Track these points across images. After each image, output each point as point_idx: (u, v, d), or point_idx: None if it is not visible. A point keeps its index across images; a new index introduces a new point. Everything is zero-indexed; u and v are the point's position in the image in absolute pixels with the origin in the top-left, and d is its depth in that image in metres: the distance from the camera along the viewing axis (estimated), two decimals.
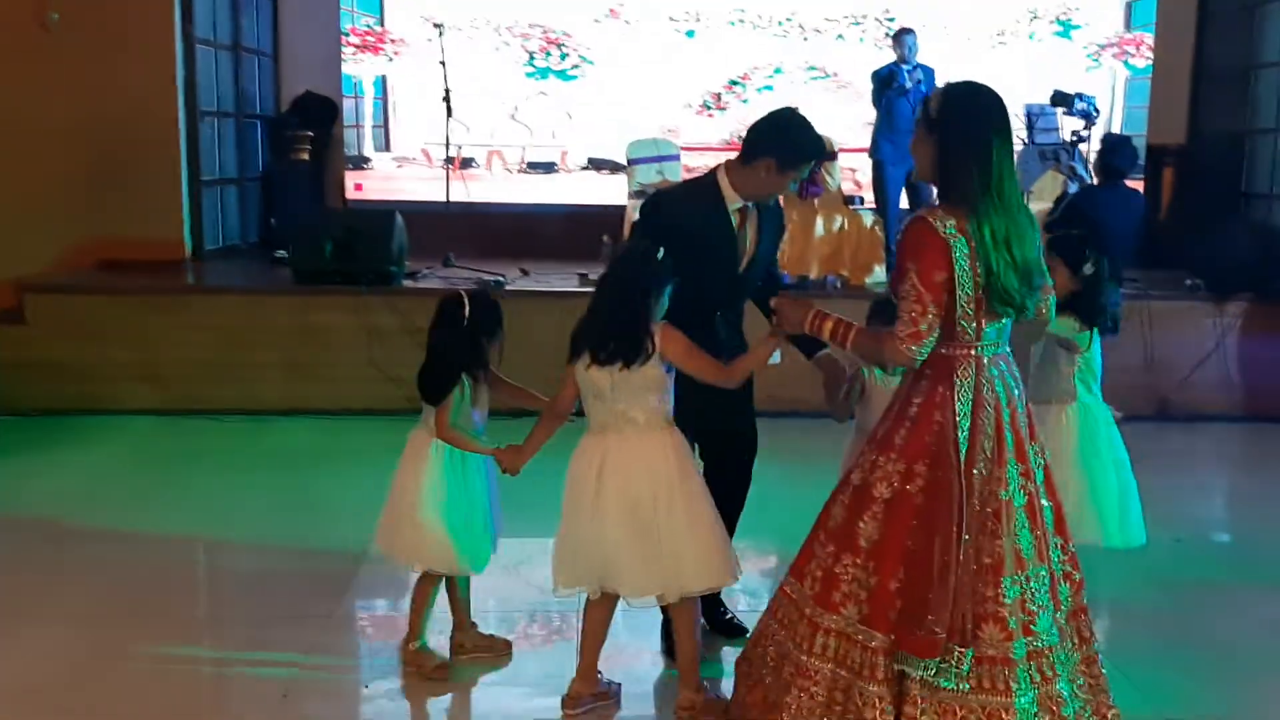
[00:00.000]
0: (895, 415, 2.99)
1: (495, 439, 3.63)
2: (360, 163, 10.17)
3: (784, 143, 3.54)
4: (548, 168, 10.14)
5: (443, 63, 8.20)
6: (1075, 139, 9.04)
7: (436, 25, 8.36)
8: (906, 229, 2.89)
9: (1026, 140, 9.06)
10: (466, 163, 9.84)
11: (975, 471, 2.85)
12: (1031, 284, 2.88)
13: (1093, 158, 8.30)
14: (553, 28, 10.00)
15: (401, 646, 3.82)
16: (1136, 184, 9.92)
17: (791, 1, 10.00)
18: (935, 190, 2.93)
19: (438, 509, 3.57)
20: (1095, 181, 7.53)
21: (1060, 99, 9.20)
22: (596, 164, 10.11)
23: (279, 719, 3.48)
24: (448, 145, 8.44)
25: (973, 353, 2.89)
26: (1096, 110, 9.44)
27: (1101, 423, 3.99)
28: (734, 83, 10.08)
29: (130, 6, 8.22)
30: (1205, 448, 7.18)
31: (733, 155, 3.67)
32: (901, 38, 8.29)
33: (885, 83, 8.17)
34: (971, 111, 2.86)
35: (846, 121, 9.70)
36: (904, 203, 8.06)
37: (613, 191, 9.70)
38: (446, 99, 8.16)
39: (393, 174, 10.17)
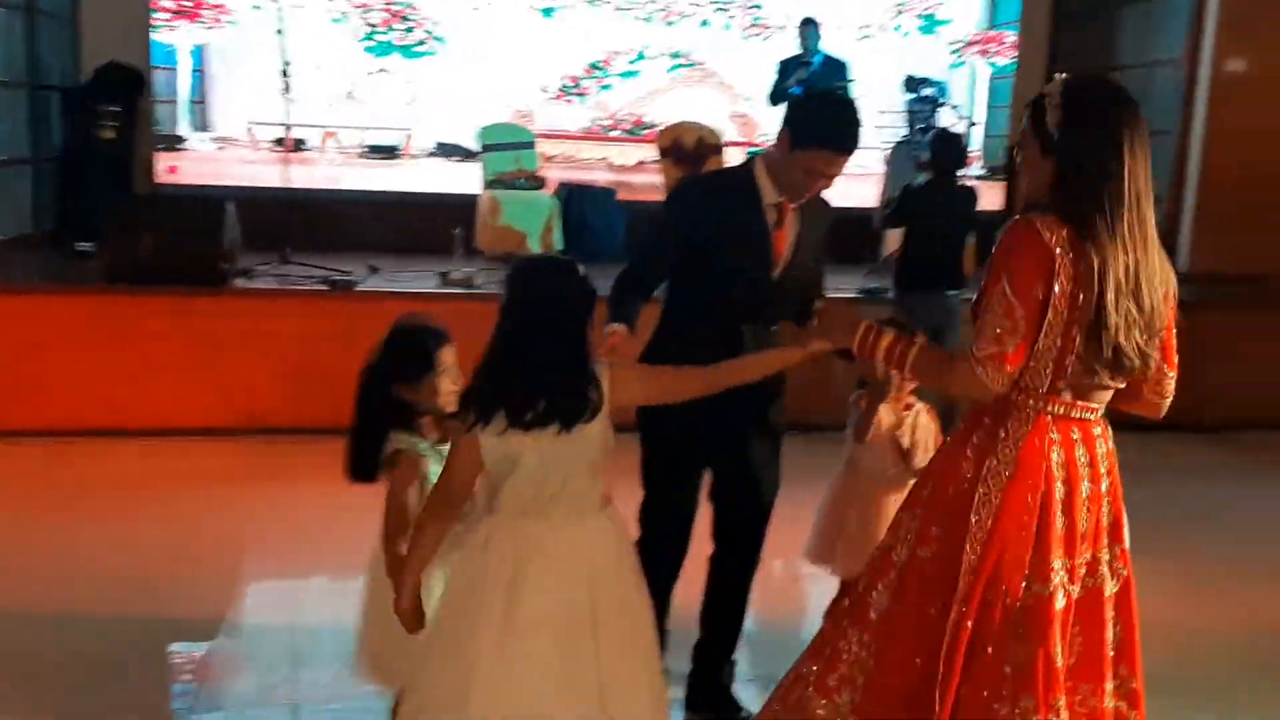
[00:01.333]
0: (930, 463, 2.48)
1: None
2: (174, 143, 9.05)
3: (801, 113, 3.07)
4: (390, 152, 9.27)
5: (280, 31, 7.28)
6: (924, 126, 8.87)
7: None
8: (1006, 231, 2.30)
9: (907, 137, 8.81)
10: (298, 145, 8.88)
11: (1016, 555, 2.28)
12: (1153, 336, 2.30)
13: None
14: None
15: None
16: (998, 185, 9.91)
17: None
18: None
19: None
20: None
21: (910, 84, 9.13)
22: (446, 150, 9.31)
23: None
24: (288, 126, 7.51)
25: (1034, 405, 2.32)
26: (945, 96, 9.35)
27: None
28: (594, 67, 9.44)
29: None
30: None
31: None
32: (801, 29, 7.82)
33: (780, 76, 7.70)
34: (1102, 123, 2.25)
35: (714, 114, 9.21)
36: None
37: (464, 180, 8.93)
38: (285, 73, 7.23)
39: (212, 156, 9.10)
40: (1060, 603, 2.32)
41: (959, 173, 6.22)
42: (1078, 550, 2.34)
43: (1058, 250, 2.23)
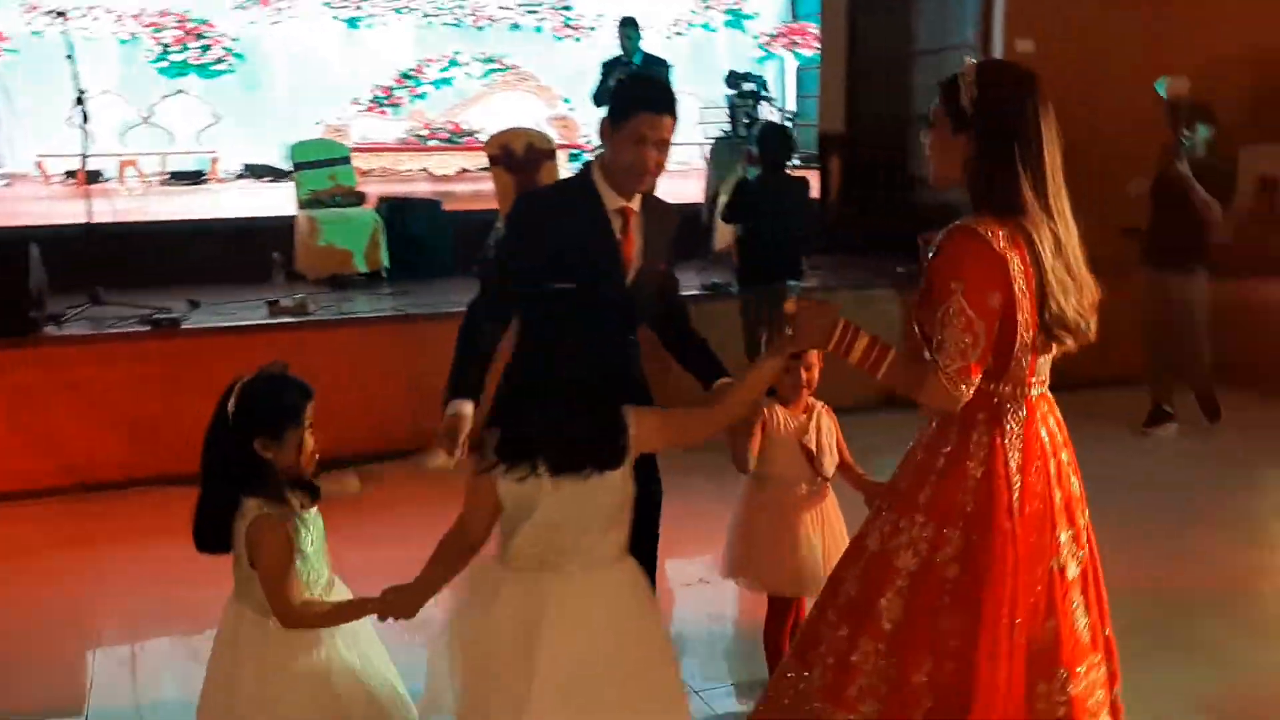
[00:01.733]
0: (916, 467, 2.42)
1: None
2: None
3: (614, 94, 3.10)
4: (195, 178, 8.82)
5: (70, 57, 6.81)
6: (748, 120, 9.03)
7: (59, 13, 6.93)
8: (947, 242, 2.32)
9: (730, 131, 8.91)
10: (93, 176, 8.35)
11: (1040, 540, 2.35)
12: (1084, 301, 2.37)
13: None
14: (189, 16, 8.68)
15: None
16: (811, 173, 10.13)
17: None
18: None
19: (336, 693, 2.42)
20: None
21: (732, 80, 9.28)
22: (255, 171, 8.91)
23: None
24: (84, 157, 7.04)
25: (1020, 392, 2.37)
26: (765, 90, 9.54)
27: None
28: (406, 76, 9.21)
29: None
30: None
31: None
32: (621, 30, 7.78)
33: (602, 77, 7.65)
34: (1017, 98, 2.31)
35: (533, 118, 9.13)
36: None
37: (278, 201, 8.58)
38: (80, 100, 6.77)
39: None
40: (1073, 571, 2.40)
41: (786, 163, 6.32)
42: (1076, 516, 2.42)
43: (1007, 253, 2.27)
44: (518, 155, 6.80)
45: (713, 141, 8.93)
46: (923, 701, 2.30)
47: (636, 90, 3.09)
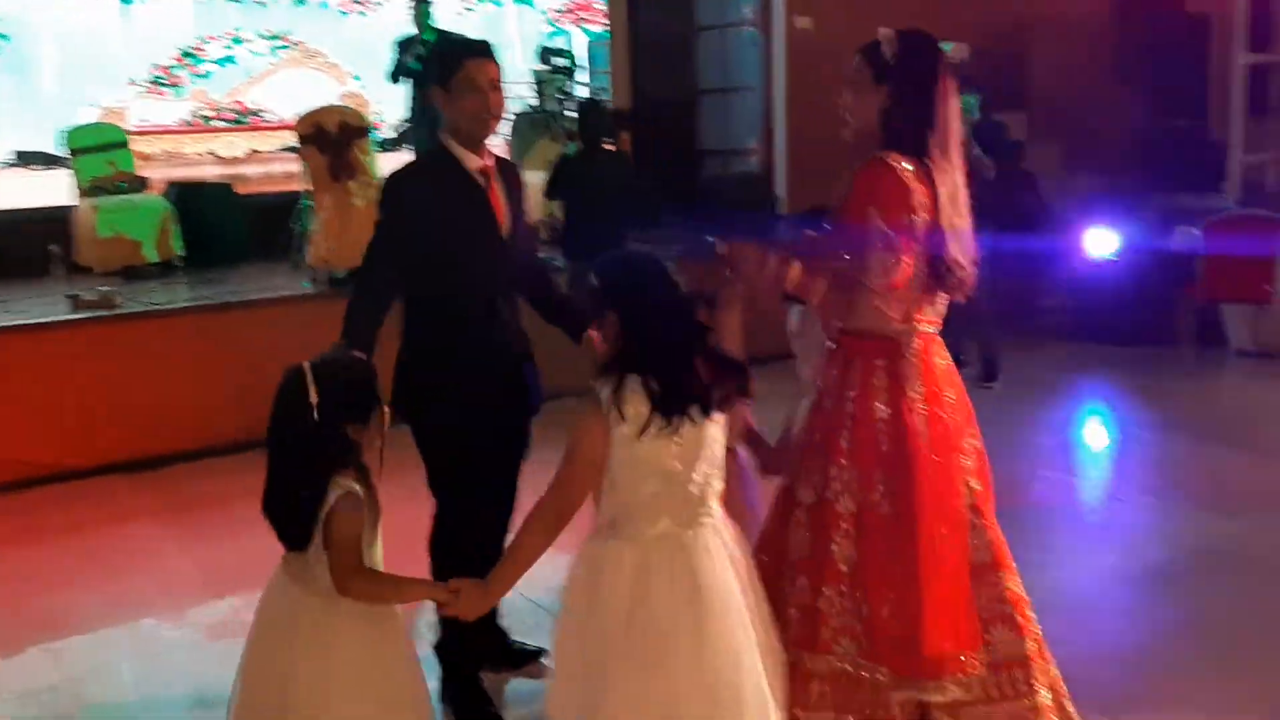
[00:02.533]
0: (827, 415, 2.55)
1: None
2: None
3: (433, 60, 3.43)
4: None
5: None
6: (560, 96, 9.09)
7: None
8: (862, 172, 2.48)
9: (537, 106, 8.93)
10: None
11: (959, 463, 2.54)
12: (966, 252, 2.56)
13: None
14: None
15: None
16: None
17: None
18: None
19: (371, 694, 2.34)
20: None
21: (543, 55, 9.31)
22: (26, 158, 8.34)
23: None
24: None
25: (911, 328, 2.54)
26: (575, 64, 9.61)
27: None
28: (187, 55, 8.79)
29: None
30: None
31: None
32: (414, 6, 7.65)
33: (398, 54, 7.49)
34: (932, 59, 2.54)
35: (324, 95, 8.87)
36: None
37: (53, 191, 8.04)
38: None
39: None
40: (979, 487, 2.61)
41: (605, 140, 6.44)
42: (972, 437, 2.64)
43: (912, 184, 2.46)
44: (331, 134, 6.63)
45: (514, 116, 8.93)
46: (891, 631, 2.46)
47: (456, 45, 3.24)
